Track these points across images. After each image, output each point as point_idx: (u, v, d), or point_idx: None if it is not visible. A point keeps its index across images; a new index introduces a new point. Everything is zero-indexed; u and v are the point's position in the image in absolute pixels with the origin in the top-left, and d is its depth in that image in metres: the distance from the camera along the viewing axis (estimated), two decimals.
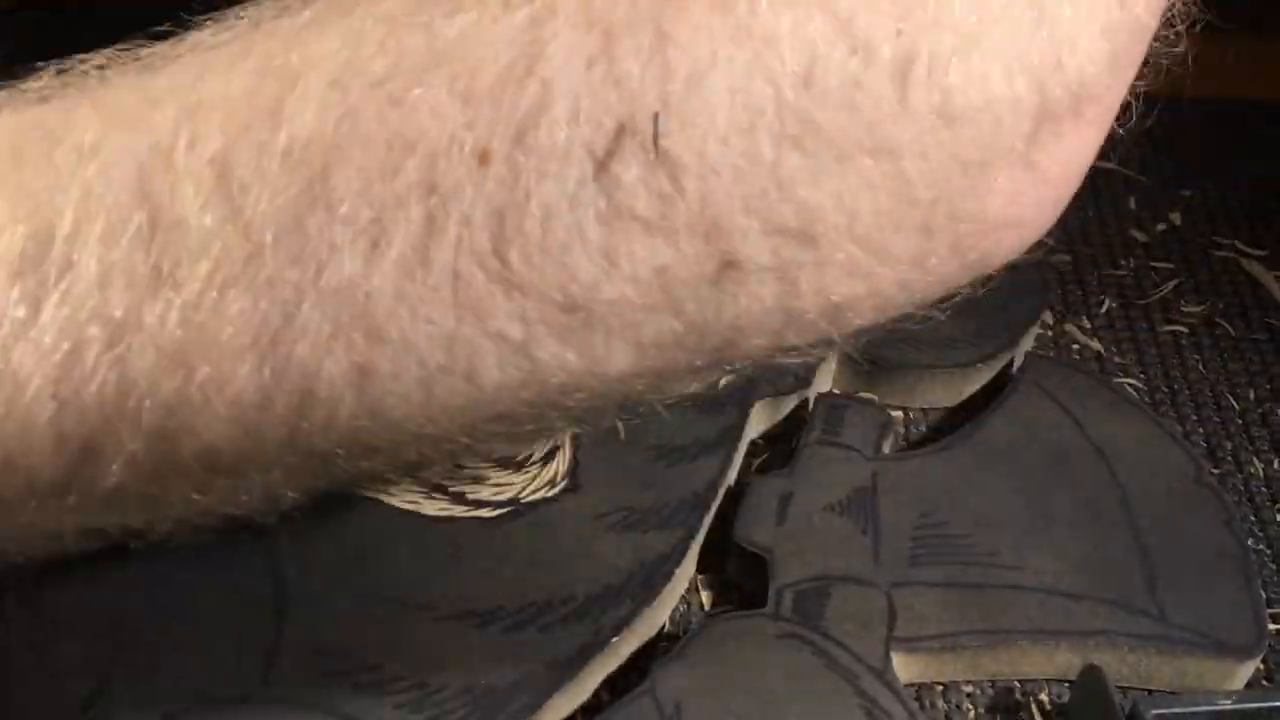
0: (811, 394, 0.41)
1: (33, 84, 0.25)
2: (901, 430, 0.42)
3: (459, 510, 0.35)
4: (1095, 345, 0.45)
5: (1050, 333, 0.46)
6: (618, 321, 0.24)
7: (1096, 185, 0.52)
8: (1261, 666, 0.35)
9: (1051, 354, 0.44)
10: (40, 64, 0.26)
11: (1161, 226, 0.51)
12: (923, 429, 0.42)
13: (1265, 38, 0.65)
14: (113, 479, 0.25)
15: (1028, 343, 0.43)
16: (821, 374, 0.41)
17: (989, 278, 0.29)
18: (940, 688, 0.35)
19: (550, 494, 0.36)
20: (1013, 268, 0.44)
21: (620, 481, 0.36)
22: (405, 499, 0.35)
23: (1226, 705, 0.32)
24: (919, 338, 0.42)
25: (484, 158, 0.23)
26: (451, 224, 0.23)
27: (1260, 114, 0.57)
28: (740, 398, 0.39)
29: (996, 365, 0.42)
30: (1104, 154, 0.51)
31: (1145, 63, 0.27)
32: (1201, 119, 0.57)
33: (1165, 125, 0.56)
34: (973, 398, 0.43)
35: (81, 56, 0.26)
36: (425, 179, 0.23)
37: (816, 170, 0.23)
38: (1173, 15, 0.27)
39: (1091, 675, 0.32)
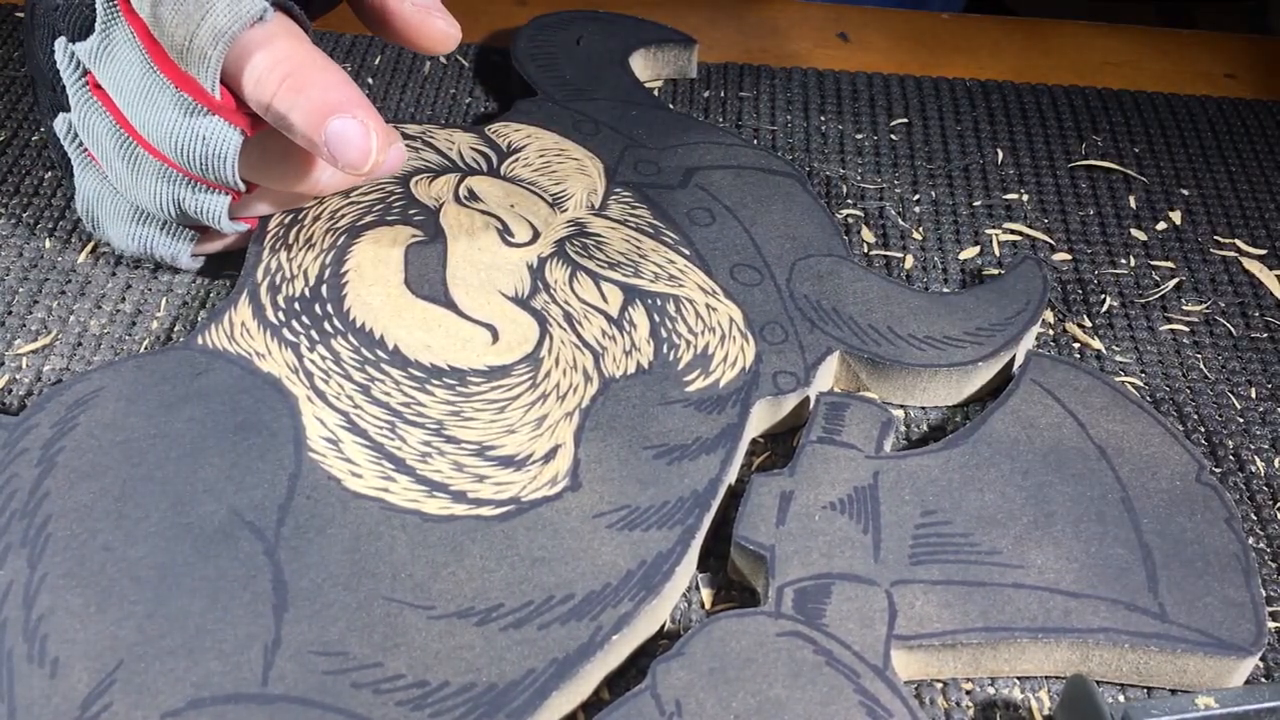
0: (812, 393, 0.41)
1: None
2: (902, 429, 0.42)
3: (460, 509, 0.35)
4: (1096, 344, 0.45)
5: (1051, 332, 0.46)
6: None
7: (1096, 185, 0.53)
8: (1260, 664, 0.36)
9: (1052, 353, 0.44)
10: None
11: (1162, 225, 0.51)
12: (924, 428, 0.42)
13: (1267, 38, 0.65)
14: None
15: (1028, 342, 0.43)
16: (822, 373, 0.41)
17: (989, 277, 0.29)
18: (940, 685, 0.35)
19: (551, 492, 0.36)
20: (1014, 267, 0.45)
21: (621, 480, 0.37)
22: (406, 497, 0.36)
23: (1215, 711, 0.32)
24: (920, 337, 0.42)
25: None
26: None
27: (1260, 113, 0.57)
28: (741, 396, 0.39)
29: (997, 364, 0.42)
30: (1104, 154, 0.51)
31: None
32: (1201, 119, 0.57)
33: (1165, 125, 0.57)
34: (974, 396, 0.43)
35: None
36: None
37: None
38: None
39: (1078, 684, 0.32)
